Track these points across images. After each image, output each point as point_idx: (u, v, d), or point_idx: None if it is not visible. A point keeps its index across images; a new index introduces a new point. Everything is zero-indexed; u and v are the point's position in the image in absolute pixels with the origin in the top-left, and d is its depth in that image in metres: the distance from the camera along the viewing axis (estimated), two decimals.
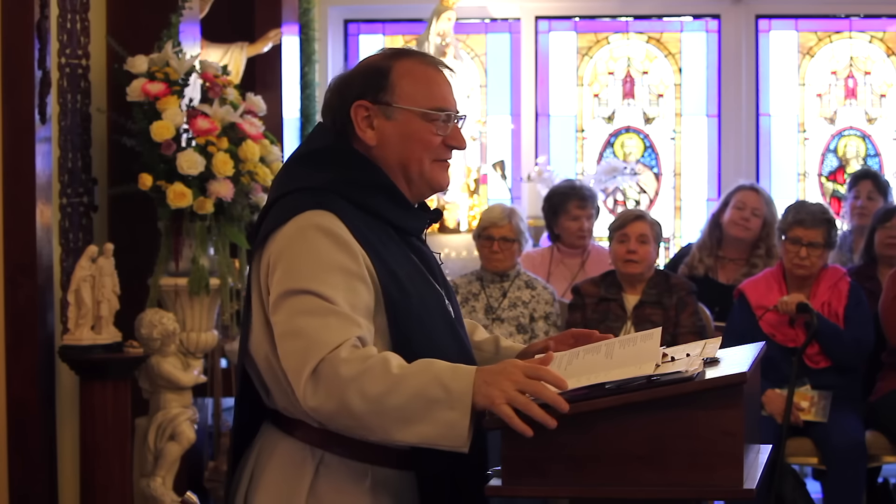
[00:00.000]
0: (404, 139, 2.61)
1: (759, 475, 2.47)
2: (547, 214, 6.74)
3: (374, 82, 2.61)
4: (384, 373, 2.40)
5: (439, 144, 2.64)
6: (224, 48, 6.80)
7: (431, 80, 2.64)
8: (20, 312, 4.97)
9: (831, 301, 5.70)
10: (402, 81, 2.61)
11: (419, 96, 2.61)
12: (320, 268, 2.47)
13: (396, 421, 2.39)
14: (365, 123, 2.61)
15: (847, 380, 5.68)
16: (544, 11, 8.53)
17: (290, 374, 2.45)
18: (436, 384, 2.39)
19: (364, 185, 2.60)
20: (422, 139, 2.62)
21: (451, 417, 2.38)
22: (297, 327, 2.44)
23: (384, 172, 2.62)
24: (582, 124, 8.57)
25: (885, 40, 8.37)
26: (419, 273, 2.65)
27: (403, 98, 2.60)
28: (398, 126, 2.61)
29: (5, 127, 4.96)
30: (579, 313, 5.76)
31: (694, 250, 6.53)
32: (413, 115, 2.61)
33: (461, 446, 2.40)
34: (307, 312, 2.44)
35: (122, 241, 5.35)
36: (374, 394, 2.38)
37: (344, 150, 2.63)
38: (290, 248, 2.50)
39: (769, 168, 8.45)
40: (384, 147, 2.62)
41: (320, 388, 2.41)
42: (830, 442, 5.52)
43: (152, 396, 5.40)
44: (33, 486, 4.99)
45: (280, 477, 2.59)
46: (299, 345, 2.43)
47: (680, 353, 2.55)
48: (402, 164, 2.63)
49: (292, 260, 2.49)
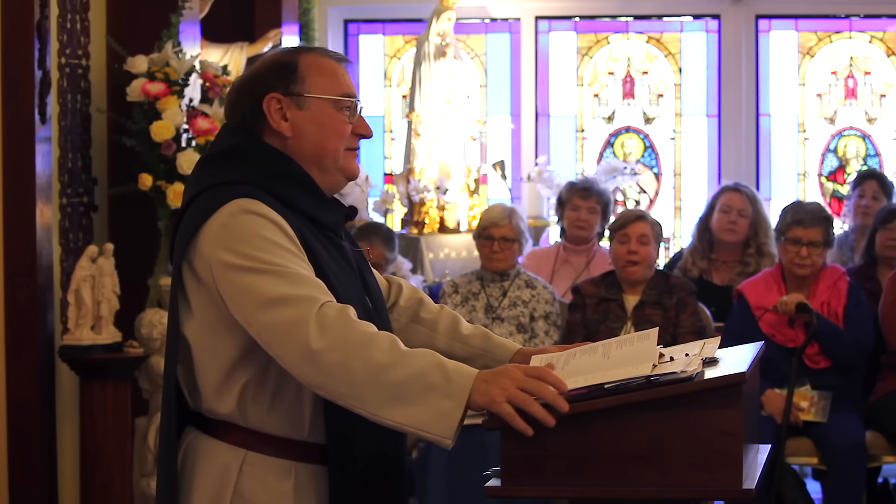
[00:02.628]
0: (319, 127, 2.65)
1: (758, 475, 2.47)
2: (556, 209, 6.83)
3: (283, 75, 2.65)
4: (392, 345, 2.41)
5: (350, 133, 2.68)
6: (224, 48, 6.80)
7: (336, 71, 2.69)
8: (20, 312, 4.97)
9: (830, 301, 5.70)
10: (310, 72, 2.65)
11: (328, 86, 2.66)
12: (268, 244, 2.48)
13: (390, 397, 2.39)
14: (278, 115, 2.64)
15: (847, 380, 5.68)
16: (544, 11, 8.53)
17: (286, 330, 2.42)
18: (438, 370, 2.40)
19: (279, 177, 2.61)
20: (335, 127, 2.66)
21: (444, 406, 2.38)
22: (278, 294, 2.43)
23: (298, 164, 2.64)
24: (582, 124, 8.57)
25: (885, 40, 8.37)
26: (342, 267, 2.65)
27: (314, 87, 2.65)
28: (311, 115, 2.64)
29: (5, 127, 4.96)
30: (579, 313, 5.75)
31: (686, 255, 6.54)
32: (325, 103, 2.65)
33: (447, 438, 2.39)
34: (280, 284, 2.44)
35: (122, 241, 5.35)
36: (378, 363, 2.39)
37: (256, 145, 2.65)
38: (228, 233, 2.50)
39: (769, 168, 8.45)
40: (299, 137, 2.64)
41: (328, 333, 2.39)
42: (831, 442, 5.52)
43: (152, 396, 5.40)
44: (33, 486, 5.00)
45: (205, 479, 2.60)
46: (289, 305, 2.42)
47: (679, 353, 2.55)
48: (317, 154, 2.65)
49: (237, 242, 2.49)
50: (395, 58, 8.62)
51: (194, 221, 2.55)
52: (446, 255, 7.35)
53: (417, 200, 7.49)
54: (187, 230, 2.56)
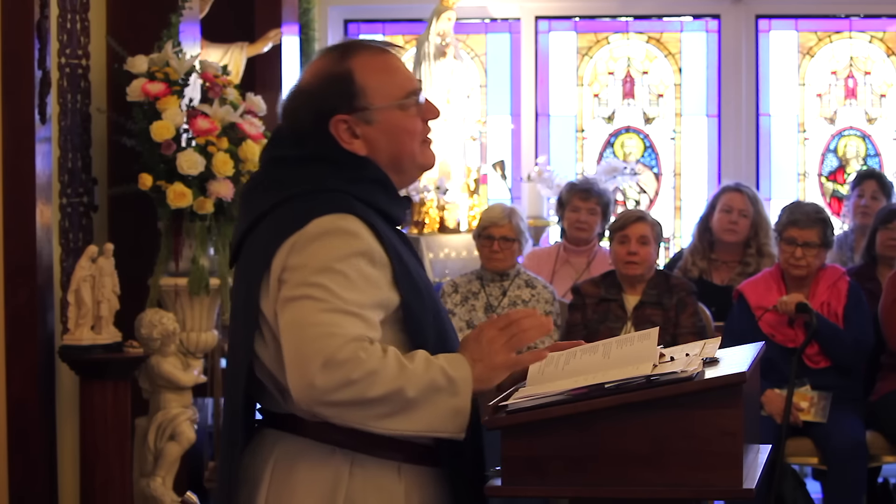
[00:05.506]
0: (392, 136, 2.61)
1: (758, 475, 2.47)
2: (556, 210, 6.85)
3: (343, 92, 2.58)
4: (399, 369, 2.42)
5: (422, 125, 2.65)
6: (224, 48, 6.80)
7: (391, 66, 2.64)
8: (20, 312, 4.97)
9: (830, 301, 5.70)
10: (368, 81, 2.59)
11: (390, 89, 2.61)
12: (339, 270, 2.45)
13: (402, 411, 2.43)
14: (348, 135, 2.59)
15: (847, 380, 5.68)
16: (544, 11, 8.53)
17: (297, 361, 2.41)
18: (439, 373, 2.45)
19: (364, 181, 2.59)
20: (407, 129, 2.62)
21: (453, 404, 2.45)
22: (310, 320, 2.41)
23: (378, 167, 2.61)
24: (582, 124, 8.58)
25: (885, 40, 8.37)
26: (417, 264, 2.65)
27: (376, 97, 2.59)
28: (381, 126, 2.60)
29: (5, 127, 4.96)
30: (579, 313, 5.76)
31: (686, 255, 6.53)
32: (392, 110, 2.60)
33: (460, 433, 2.45)
34: (321, 311, 2.42)
35: (122, 241, 5.35)
36: (391, 388, 2.40)
37: (335, 150, 2.60)
38: (310, 248, 2.47)
39: (769, 168, 8.45)
40: (375, 151, 2.60)
41: (335, 375, 2.38)
42: (831, 442, 5.52)
43: (152, 396, 5.40)
44: (33, 487, 4.99)
45: (310, 484, 2.54)
46: (310, 335, 2.40)
47: (679, 353, 2.55)
48: (394, 160, 2.63)
49: (310, 260, 2.46)
50: None
51: (282, 232, 2.50)
52: (446, 255, 7.35)
53: (417, 200, 7.49)
54: (274, 241, 2.50)
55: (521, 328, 2.53)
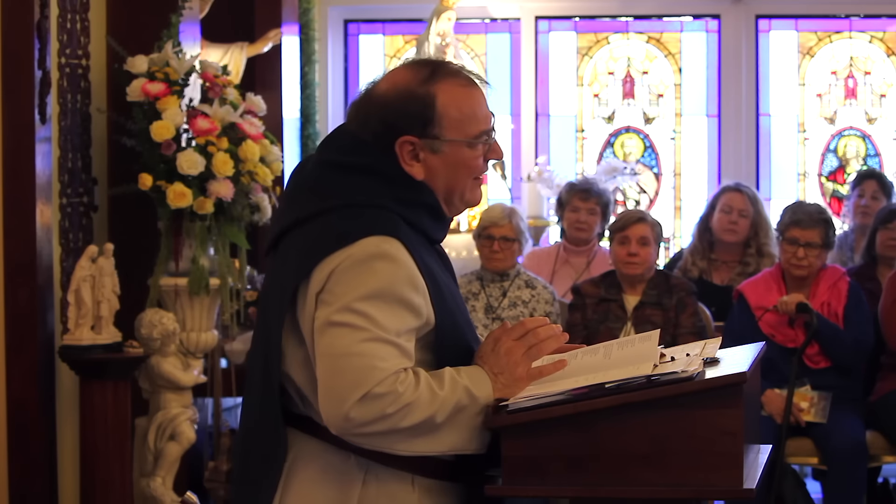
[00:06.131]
0: (452, 169, 2.58)
1: (759, 475, 2.47)
2: (556, 210, 6.84)
3: (420, 115, 2.54)
4: (431, 397, 2.44)
5: (482, 164, 2.62)
6: (224, 48, 6.80)
7: (474, 102, 2.60)
8: (20, 312, 4.97)
9: (831, 301, 5.70)
10: (448, 111, 2.55)
11: (466, 125, 2.57)
12: (381, 297, 2.44)
13: (429, 433, 2.45)
14: (410, 157, 2.56)
15: (847, 380, 5.68)
16: (544, 11, 8.53)
17: (333, 390, 2.41)
18: (464, 393, 2.47)
19: (413, 203, 2.56)
20: (468, 165, 2.59)
21: (477, 423, 2.48)
22: (349, 350, 2.41)
23: (432, 192, 2.59)
24: (582, 124, 8.57)
25: (885, 40, 8.37)
26: (452, 284, 2.65)
27: (451, 130, 2.56)
28: (446, 158, 2.57)
29: (5, 127, 4.96)
30: (579, 313, 5.75)
31: (686, 255, 6.53)
32: (460, 145, 2.57)
33: (482, 449, 2.49)
34: (361, 340, 2.41)
35: (122, 241, 5.35)
36: (424, 416, 2.43)
37: (393, 168, 2.56)
38: (353, 271, 2.45)
39: (769, 168, 8.45)
40: (431, 179, 2.58)
41: (371, 409, 2.40)
42: (831, 442, 5.51)
43: (152, 396, 5.40)
44: (33, 486, 4.99)
45: (323, 487, 2.55)
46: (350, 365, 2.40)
47: (679, 354, 2.55)
48: (447, 192, 2.61)
49: (354, 284, 2.44)
50: (395, 58, 8.62)
51: (327, 246, 2.48)
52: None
53: None
54: (318, 251, 2.48)
55: (538, 338, 2.55)
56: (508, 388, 2.50)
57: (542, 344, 2.55)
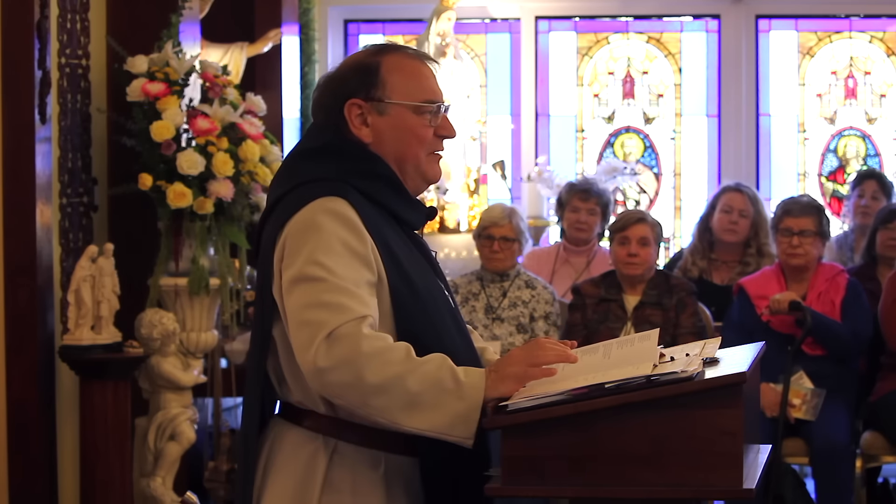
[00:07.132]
0: (399, 134, 2.66)
1: (758, 475, 2.47)
2: (556, 210, 6.84)
3: (364, 79, 2.65)
4: (406, 356, 2.45)
5: (432, 137, 2.70)
6: (224, 48, 6.80)
7: (419, 73, 2.69)
8: (20, 313, 4.97)
9: (829, 291, 5.70)
10: (391, 77, 2.65)
11: (410, 90, 2.66)
12: (332, 249, 2.50)
13: (408, 405, 2.44)
14: (359, 121, 2.65)
15: (841, 370, 5.67)
16: (544, 11, 8.53)
17: (302, 341, 2.46)
18: (449, 375, 2.46)
19: (368, 174, 2.64)
20: (416, 133, 2.67)
21: (460, 408, 2.45)
22: (313, 301, 2.47)
23: (385, 163, 2.66)
24: (582, 124, 8.57)
25: (885, 40, 8.37)
26: (422, 265, 2.69)
27: (395, 93, 2.65)
28: (392, 121, 2.65)
29: (5, 127, 4.96)
30: (579, 313, 5.75)
31: (686, 255, 6.54)
32: (405, 109, 2.66)
33: (466, 439, 2.46)
34: (323, 291, 2.47)
35: (122, 241, 5.35)
36: (392, 373, 2.43)
37: (344, 142, 2.66)
38: (303, 231, 2.53)
39: (769, 168, 8.45)
40: (380, 143, 2.66)
41: (335, 352, 2.43)
42: (815, 442, 5.51)
43: (152, 396, 5.40)
44: (33, 487, 5.00)
45: (293, 467, 2.61)
46: (314, 315, 2.45)
47: (679, 354, 2.55)
48: (397, 159, 2.67)
49: (305, 242, 2.52)
50: None
51: (283, 216, 2.58)
52: (446, 255, 7.34)
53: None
54: (275, 228, 2.59)
55: (542, 349, 2.54)
56: (497, 383, 2.48)
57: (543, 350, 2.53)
